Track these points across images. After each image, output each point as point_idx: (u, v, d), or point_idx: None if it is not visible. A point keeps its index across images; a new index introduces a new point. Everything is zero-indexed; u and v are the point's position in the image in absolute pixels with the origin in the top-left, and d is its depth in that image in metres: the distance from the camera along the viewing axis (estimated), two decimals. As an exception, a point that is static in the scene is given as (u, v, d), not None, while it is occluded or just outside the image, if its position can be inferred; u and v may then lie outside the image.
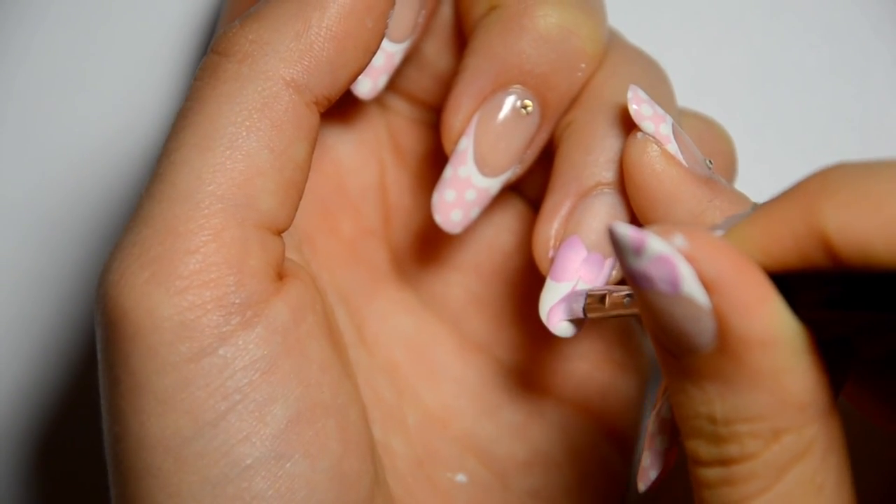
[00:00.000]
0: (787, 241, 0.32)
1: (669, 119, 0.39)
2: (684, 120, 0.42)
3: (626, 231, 0.31)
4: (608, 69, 0.41)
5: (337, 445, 0.37)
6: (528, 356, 0.45)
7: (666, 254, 0.31)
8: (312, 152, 0.38)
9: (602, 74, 0.41)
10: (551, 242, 0.40)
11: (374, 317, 0.45)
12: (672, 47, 0.50)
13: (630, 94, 0.38)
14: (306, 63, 0.37)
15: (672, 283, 0.31)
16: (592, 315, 0.39)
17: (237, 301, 0.36)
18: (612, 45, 0.42)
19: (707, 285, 0.31)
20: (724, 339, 0.32)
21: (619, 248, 0.32)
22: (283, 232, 0.38)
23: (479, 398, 0.45)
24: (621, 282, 0.41)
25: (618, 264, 0.40)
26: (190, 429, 0.35)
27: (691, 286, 0.31)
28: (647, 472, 0.37)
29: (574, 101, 0.41)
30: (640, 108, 0.38)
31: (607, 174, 0.40)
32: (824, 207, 0.31)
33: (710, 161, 0.39)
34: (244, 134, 0.36)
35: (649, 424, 0.37)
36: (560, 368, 0.44)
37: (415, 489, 0.43)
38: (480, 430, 0.44)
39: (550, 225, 0.40)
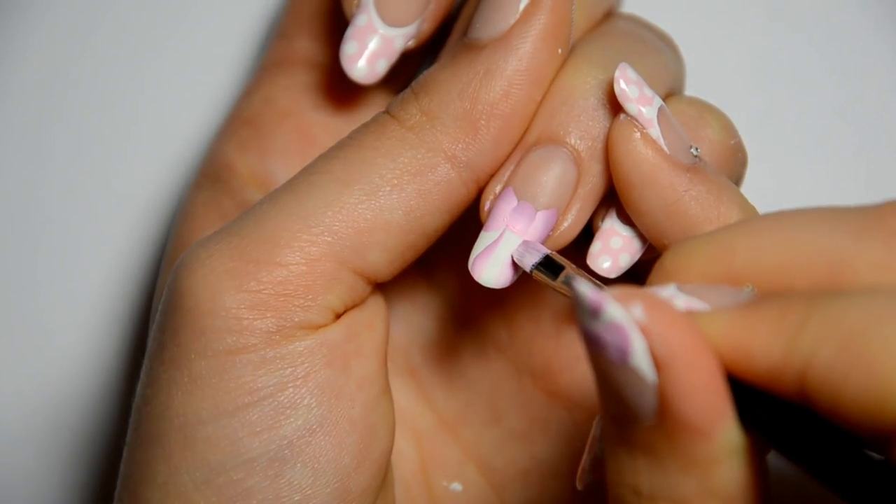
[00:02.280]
0: (760, 365, 0.31)
1: (657, 102, 0.38)
2: (680, 105, 0.41)
3: (587, 291, 0.30)
4: (612, 35, 0.41)
5: (350, 460, 0.38)
6: (542, 359, 0.45)
7: (621, 322, 0.30)
8: (450, 224, 0.39)
9: (601, 40, 0.41)
10: (492, 195, 0.39)
11: (395, 317, 0.45)
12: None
13: (618, 73, 0.38)
14: (469, 140, 0.38)
15: (622, 352, 0.31)
16: (537, 277, 0.38)
17: (297, 320, 0.37)
18: (627, 19, 0.42)
19: (657, 362, 0.30)
20: (663, 418, 0.31)
21: (576, 306, 0.31)
22: (378, 283, 0.39)
23: (489, 404, 0.45)
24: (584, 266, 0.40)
25: (559, 226, 0.39)
26: (208, 413, 0.37)
27: (640, 359, 0.30)
28: (585, 474, 0.37)
29: None
30: (627, 88, 0.38)
31: (569, 134, 0.39)
32: (814, 362, 0.30)
33: (696, 148, 0.39)
34: (387, 189, 0.38)
35: (594, 426, 0.37)
36: (569, 371, 0.44)
37: (415, 494, 0.43)
38: (485, 436, 0.44)
39: (498, 178, 0.39)
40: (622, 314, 0.30)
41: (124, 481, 0.38)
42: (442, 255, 0.45)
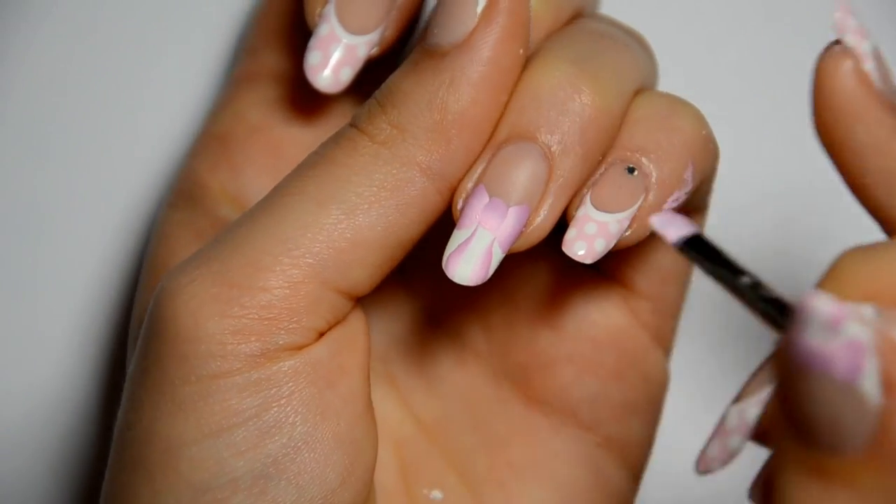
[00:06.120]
0: None
1: (872, 39, 0.37)
2: (648, 99, 0.41)
3: (826, 304, 0.28)
4: (580, 32, 0.41)
5: (335, 477, 0.38)
6: (519, 363, 0.45)
7: (861, 340, 0.28)
8: (425, 232, 0.39)
9: (569, 36, 0.40)
10: (464, 193, 0.39)
11: (373, 325, 0.45)
12: (671, 47, 0.50)
13: (838, 3, 0.37)
14: (442, 151, 0.38)
15: (852, 371, 0.28)
16: (684, 254, 0.34)
17: (281, 343, 0.37)
18: (598, 18, 0.42)
19: (887, 385, 0.28)
20: (880, 448, 0.29)
21: (803, 318, 0.28)
22: (358, 297, 0.39)
23: (468, 410, 0.45)
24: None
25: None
26: (192, 435, 0.37)
27: (870, 381, 0.28)
28: (710, 461, 0.37)
29: None
30: (846, 18, 0.36)
31: (539, 130, 0.38)
32: None
33: None
34: (365, 207, 0.37)
35: (728, 414, 0.36)
36: (548, 374, 0.44)
37: (396, 503, 0.43)
38: (465, 443, 0.45)
39: (469, 177, 0.39)
40: (863, 331, 0.28)
41: (107, 503, 0.39)
42: (415, 261, 0.45)
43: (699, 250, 0.34)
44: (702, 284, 0.50)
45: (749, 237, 0.52)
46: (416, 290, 0.46)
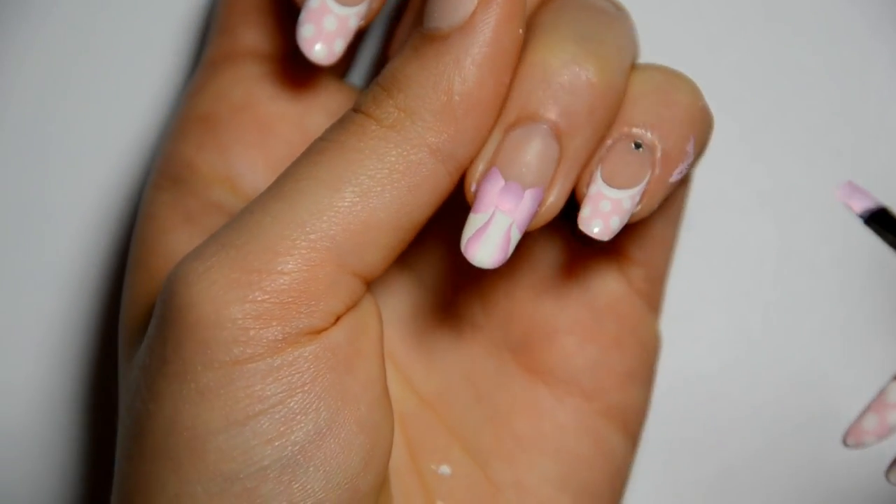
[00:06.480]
0: None
1: None
2: (645, 74, 0.41)
3: None
4: (574, 7, 0.41)
5: (359, 461, 0.38)
6: (519, 334, 0.45)
7: None
8: (434, 213, 0.39)
9: (565, 13, 0.41)
10: (477, 176, 0.39)
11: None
12: (672, 47, 0.50)
13: None
14: (452, 132, 0.38)
15: None
16: (872, 228, 0.35)
17: (301, 326, 0.37)
18: None
19: None
20: None
21: None
22: (370, 280, 0.39)
23: (470, 383, 0.45)
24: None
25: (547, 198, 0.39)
26: (218, 423, 0.37)
27: None
28: (864, 435, 0.36)
29: None
30: None
31: (548, 111, 0.39)
32: None
33: None
34: (378, 189, 0.38)
35: (890, 388, 0.35)
36: (547, 344, 0.45)
37: (406, 481, 0.43)
38: (469, 416, 0.45)
39: (480, 158, 0.39)
40: None
41: (127, 495, 0.38)
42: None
43: (884, 224, 0.34)
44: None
45: (749, 237, 0.52)
46: (412, 266, 0.46)
